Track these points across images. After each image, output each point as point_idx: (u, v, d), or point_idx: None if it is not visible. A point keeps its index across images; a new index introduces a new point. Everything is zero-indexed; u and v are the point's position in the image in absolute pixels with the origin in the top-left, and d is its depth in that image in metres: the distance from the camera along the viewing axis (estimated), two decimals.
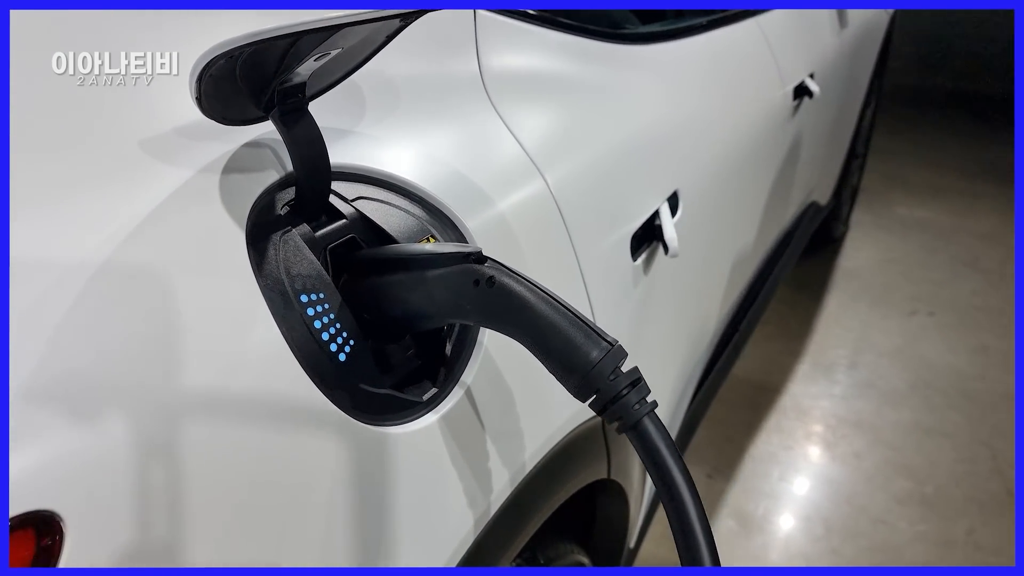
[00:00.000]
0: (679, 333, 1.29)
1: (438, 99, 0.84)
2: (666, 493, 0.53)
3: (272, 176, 0.62)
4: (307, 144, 0.60)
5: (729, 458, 2.30)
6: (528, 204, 0.84)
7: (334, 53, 0.57)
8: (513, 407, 0.76)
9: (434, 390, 0.67)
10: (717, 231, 1.44)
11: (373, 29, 0.61)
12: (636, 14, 1.48)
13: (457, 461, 0.68)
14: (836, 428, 2.44)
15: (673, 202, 1.20)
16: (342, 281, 0.63)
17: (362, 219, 0.67)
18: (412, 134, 0.77)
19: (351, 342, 0.60)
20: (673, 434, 1.38)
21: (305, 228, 0.62)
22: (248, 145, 0.62)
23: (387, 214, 0.68)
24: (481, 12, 0.92)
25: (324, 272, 0.61)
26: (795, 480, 2.24)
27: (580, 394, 0.56)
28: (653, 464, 0.54)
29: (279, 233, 0.60)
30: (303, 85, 0.59)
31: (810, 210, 2.58)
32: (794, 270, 2.71)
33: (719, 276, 1.54)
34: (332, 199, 0.65)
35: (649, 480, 1.13)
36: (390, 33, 0.64)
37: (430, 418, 0.65)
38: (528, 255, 0.81)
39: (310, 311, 0.58)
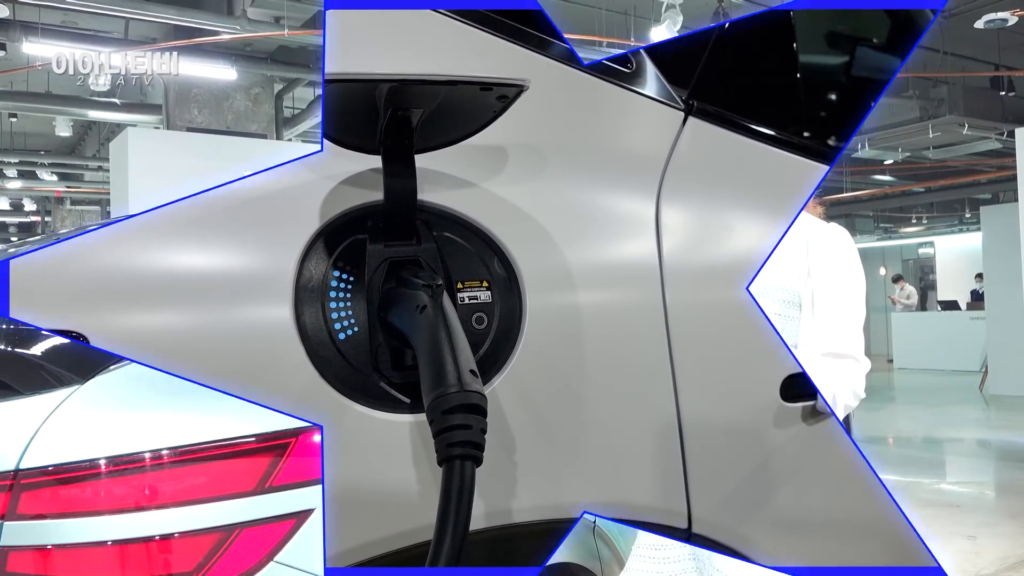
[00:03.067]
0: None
1: (599, 180, 0.92)
2: (436, 534, 0.59)
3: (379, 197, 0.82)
4: (396, 179, 0.79)
5: None
6: (620, 311, 0.87)
7: (417, 112, 0.74)
8: (504, 458, 0.81)
9: None
10: None
11: (469, 101, 0.76)
12: None
13: (408, 466, 0.77)
14: None
15: None
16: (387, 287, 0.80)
17: (437, 249, 0.82)
18: (540, 199, 0.88)
19: (355, 328, 0.77)
20: None
21: (379, 240, 0.80)
22: (377, 171, 0.83)
23: (458, 253, 0.83)
24: (693, 119, 0.96)
25: (364, 272, 0.78)
26: None
27: (428, 420, 0.64)
28: (441, 504, 0.60)
29: (351, 236, 0.80)
30: (411, 133, 0.77)
31: None
32: None
33: None
34: (420, 227, 0.82)
35: None
36: (496, 110, 0.78)
37: (402, 418, 0.77)
38: (589, 353, 0.84)
39: (332, 293, 0.77)
